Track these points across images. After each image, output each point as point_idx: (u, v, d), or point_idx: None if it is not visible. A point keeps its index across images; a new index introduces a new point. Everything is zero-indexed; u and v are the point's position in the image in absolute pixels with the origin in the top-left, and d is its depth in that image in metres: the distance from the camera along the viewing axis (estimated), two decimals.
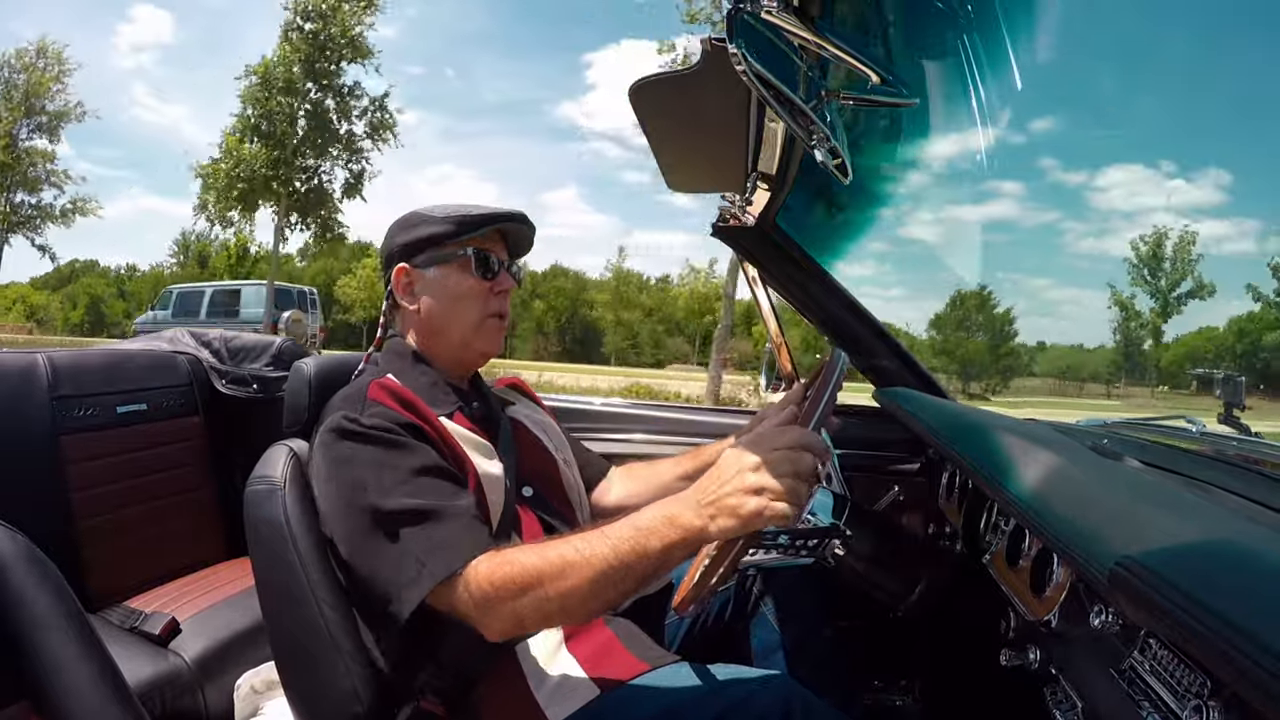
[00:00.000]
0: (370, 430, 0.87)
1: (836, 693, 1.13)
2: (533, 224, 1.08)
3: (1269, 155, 42.88)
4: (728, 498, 0.71)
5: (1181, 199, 48.35)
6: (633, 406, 1.94)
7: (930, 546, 1.15)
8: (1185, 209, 46.90)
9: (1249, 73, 39.30)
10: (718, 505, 0.71)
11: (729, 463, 0.73)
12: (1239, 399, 1.24)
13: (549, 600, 0.74)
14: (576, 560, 0.74)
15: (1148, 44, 44.69)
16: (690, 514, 0.72)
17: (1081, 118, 49.68)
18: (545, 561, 0.75)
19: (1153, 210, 47.10)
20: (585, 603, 0.75)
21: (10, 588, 0.87)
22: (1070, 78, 43.25)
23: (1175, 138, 47.99)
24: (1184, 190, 49.28)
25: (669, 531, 0.73)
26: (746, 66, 0.65)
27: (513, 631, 0.79)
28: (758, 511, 0.69)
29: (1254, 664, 0.34)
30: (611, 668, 0.89)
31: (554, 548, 0.76)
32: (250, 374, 1.84)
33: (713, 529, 0.71)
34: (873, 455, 1.74)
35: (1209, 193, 48.73)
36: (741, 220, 1.65)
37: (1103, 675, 0.61)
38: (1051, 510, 0.64)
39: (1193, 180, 49.16)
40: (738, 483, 0.71)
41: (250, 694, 1.35)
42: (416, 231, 1.03)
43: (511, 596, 0.75)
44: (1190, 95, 48.05)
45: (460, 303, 1.03)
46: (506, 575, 0.76)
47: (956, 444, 0.99)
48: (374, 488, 0.83)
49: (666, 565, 0.74)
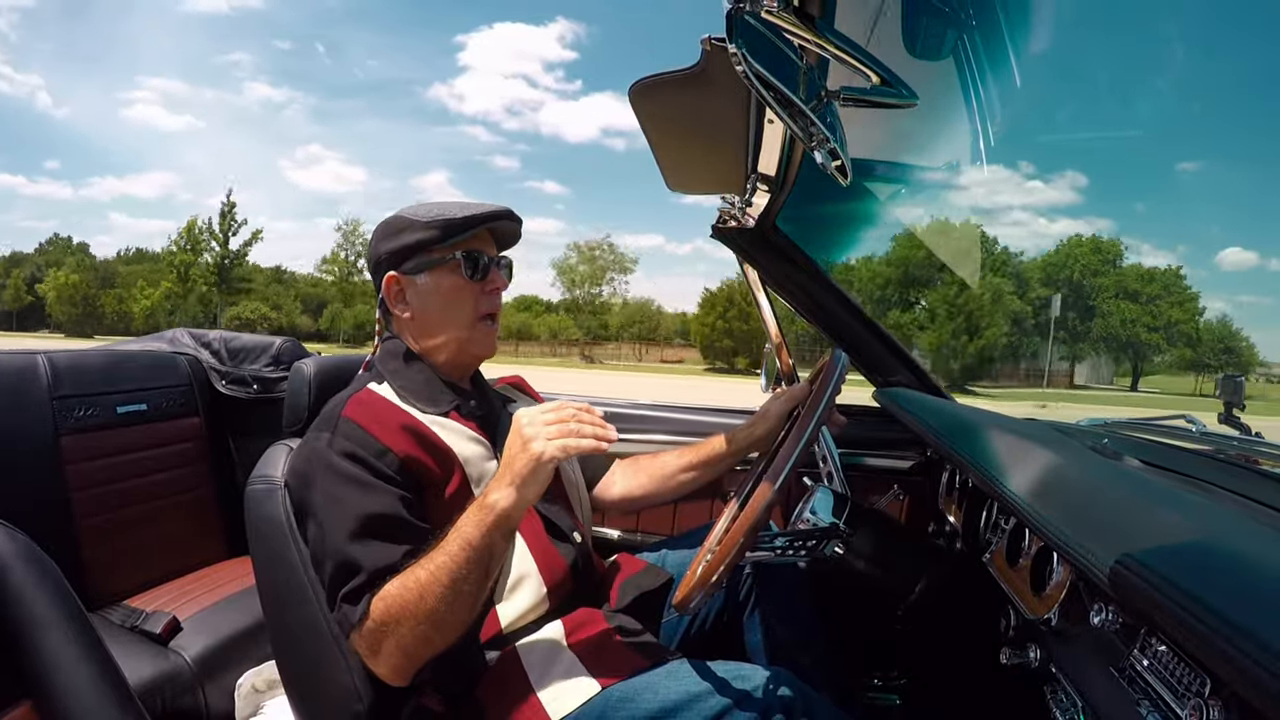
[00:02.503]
0: (332, 463, 0.88)
1: (836, 691, 1.13)
2: (519, 218, 1.07)
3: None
4: (515, 460, 0.80)
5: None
6: (633, 407, 1.94)
7: (930, 546, 1.15)
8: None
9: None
10: (512, 471, 0.80)
11: (512, 435, 0.83)
12: (1239, 399, 1.24)
13: (419, 618, 0.79)
14: (426, 577, 0.80)
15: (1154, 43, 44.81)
16: (494, 493, 0.80)
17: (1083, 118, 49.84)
18: (405, 589, 0.80)
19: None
20: (446, 610, 0.80)
21: (10, 587, 0.87)
22: (1071, 77, 43.36)
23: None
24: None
25: (483, 516, 0.80)
26: (746, 67, 0.65)
27: (401, 665, 0.83)
28: (538, 453, 0.79)
29: (1253, 662, 0.34)
30: (612, 664, 0.89)
31: (410, 574, 0.81)
32: (250, 374, 1.84)
33: (514, 495, 0.79)
34: (873, 455, 1.74)
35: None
36: (741, 221, 1.65)
37: (1103, 674, 0.61)
38: (1051, 509, 0.65)
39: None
40: (515, 445, 0.81)
41: (252, 693, 1.35)
42: (402, 238, 1.01)
43: (388, 628, 0.81)
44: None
45: (452, 307, 1.02)
46: (380, 611, 0.81)
47: (956, 444, 0.99)
48: (324, 523, 0.87)
49: (496, 545, 0.81)
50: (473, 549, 0.79)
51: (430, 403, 0.99)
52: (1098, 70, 45.58)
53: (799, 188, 1.35)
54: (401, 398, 0.98)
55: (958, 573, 1.09)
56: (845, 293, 1.71)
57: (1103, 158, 52.72)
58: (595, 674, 0.88)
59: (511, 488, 0.79)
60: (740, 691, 0.82)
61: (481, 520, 0.80)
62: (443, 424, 0.98)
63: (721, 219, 1.70)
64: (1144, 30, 44.39)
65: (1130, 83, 46.76)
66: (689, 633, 1.19)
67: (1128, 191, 54.03)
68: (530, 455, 0.79)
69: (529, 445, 0.80)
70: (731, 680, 0.85)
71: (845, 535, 1.08)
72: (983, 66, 0.98)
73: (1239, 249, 54.40)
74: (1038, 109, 31.86)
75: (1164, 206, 54.02)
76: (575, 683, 0.87)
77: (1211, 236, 54.01)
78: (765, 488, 0.79)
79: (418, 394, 0.99)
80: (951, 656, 1.33)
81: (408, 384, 1.00)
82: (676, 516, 1.83)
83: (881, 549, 1.09)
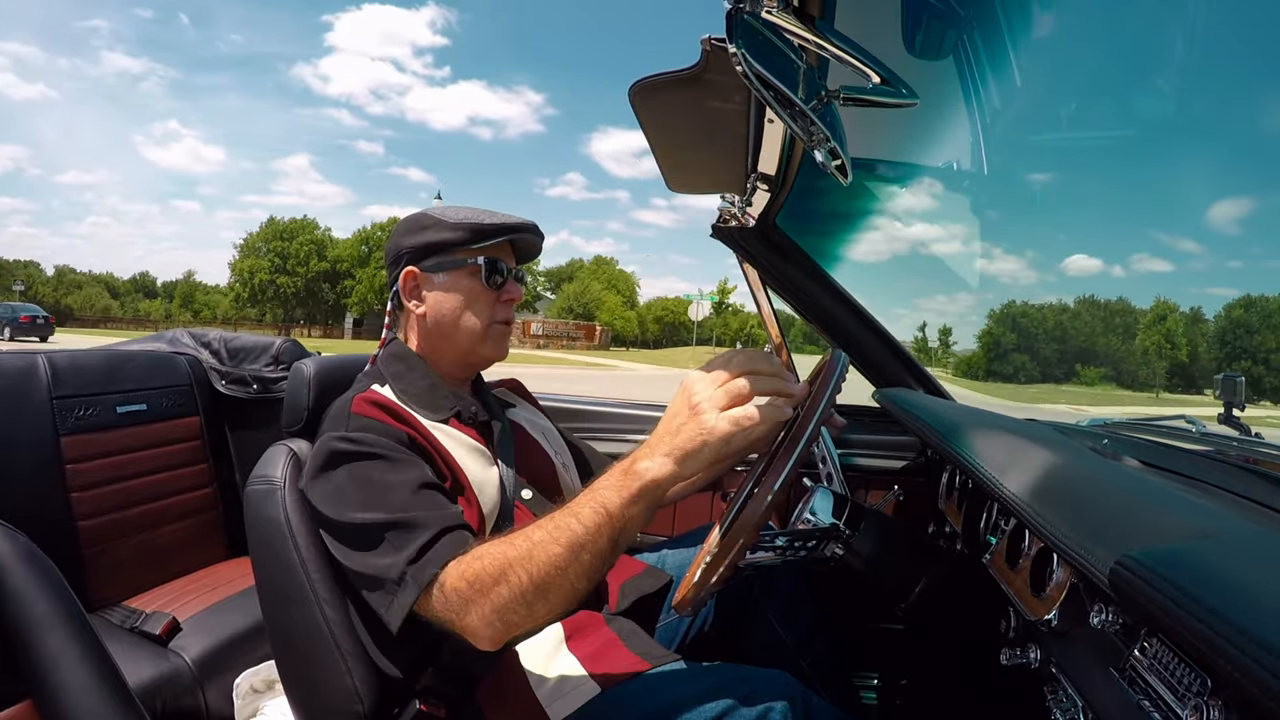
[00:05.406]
0: (357, 446, 0.88)
1: (836, 692, 1.13)
2: (542, 233, 1.09)
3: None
4: (678, 429, 0.68)
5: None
6: (633, 408, 1.94)
7: (930, 546, 1.14)
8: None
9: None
10: (669, 440, 0.69)
11: (679, 399, 0.70)
12: (1239, 399, 1.24)
13: (523, 584, 0.71)
14: (542, 538, 0.72)
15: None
16: (644, 459, 0.70)
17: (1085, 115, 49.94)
18: (512, 547, 0.73)
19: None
20: (561, 579, 0.71)
21: (10, 587, 0.87)
22: (1073, 75, 43.45)
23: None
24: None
25: (629, 482, 0.70)
26: (746, 67, 0.65)
27: (501, 630, 0.74)
28: (728, 433, 0.67)
29: (1254, 662, 0.34)
30: (612, 666, 0.89)
31: (520, 533, 0.74)
32: (250, 374, 1.84)
33: (670, 465, 0.68)
34: (873, 455, 1.74)
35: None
36: (742, 221, 1.65)
37: (1103, 674, 0.61)
38: (1051, 509, 0.64)
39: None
40: (680, 412, 0.69)
41: (250, 693, 1.35)
42: (426, 235, 1.02)
43: (487, 589, 0.73)
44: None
45: (468, 310, 1.03)
46: (478, 570, 0.74)
47: (956, 444, 0.99)
48: (359, 502, 0.84)
49: (634, 518, 0.71)
50: (607, 515, 0.70)
51: (431, 408, 0.99)
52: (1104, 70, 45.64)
53: (799, 188, 1.35)
54: (403, 401, 0.98)
55: (957, 573, 1.09)
56: (845, 292, 1.71)
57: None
58: (595, 676, 0.88)
59: (668, 459, 0.69)
60: (740, 693, 0.82)
61: (625, 487, 0.70)
62: (443, 430, 0.98)
63: (721, 219, 1.70)
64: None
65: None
66: (689, 634, 1.19)
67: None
68: (699, 427, 0.68)
69: (699, 415, 0.68)
70: (731, 682, 0.84)
71: (845, 536, 1.08)
72: (983, 66, 0.98)
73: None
74: (1036, 109, 31.79)
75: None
76: (575, 685, 0.87)
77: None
78: (765, 489, 0.79)
79: (419, 399, 0.99)
80: (951, 657, 1.33)
81: (409, 388, 1.00)
82: (676, 517, 1.83)
83: (881, 550, 1.09)
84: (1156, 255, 63.10)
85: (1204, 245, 60.33)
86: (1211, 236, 59.77)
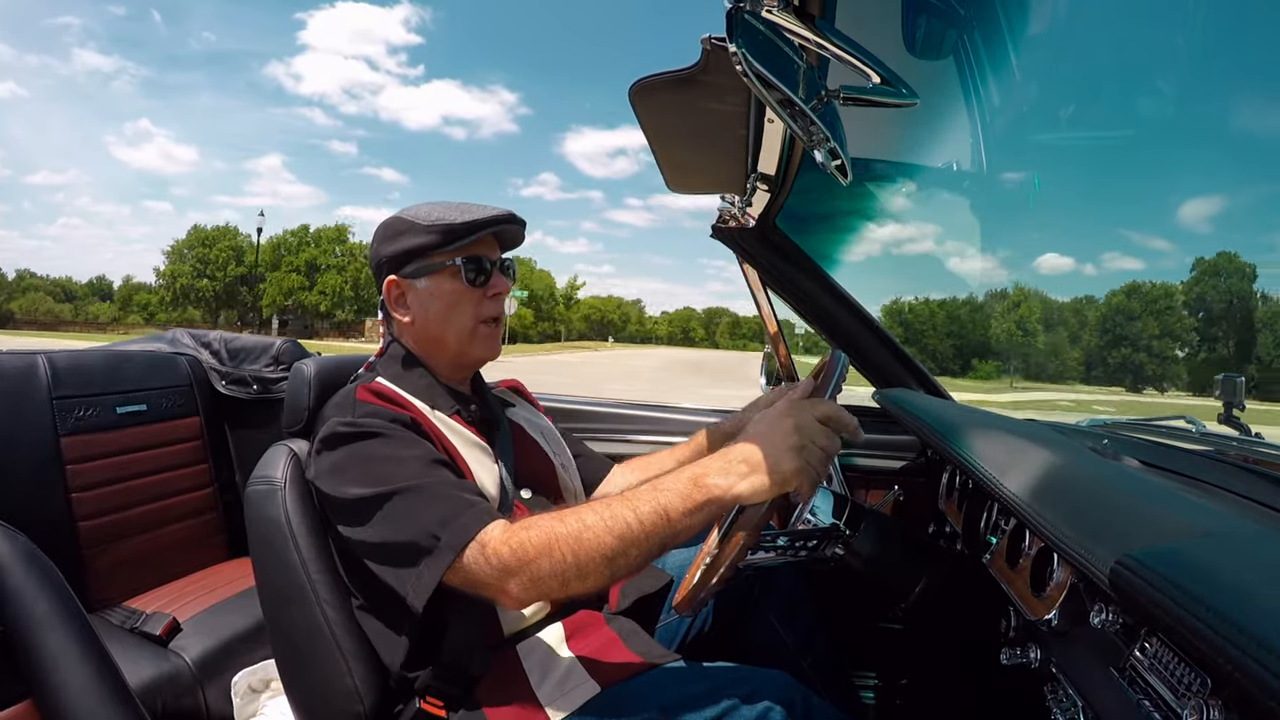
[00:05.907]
0: (365, 428, 0.88)
1: (836, 692, 1.13)
2: (522, 220, 1.06)
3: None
4: (768, 456, 0.69)
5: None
6: (632, 408, 1.94)
7: (930, 546, 1.14)
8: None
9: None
10: (752, 463, 0.70)
11: (766, 422, 0.72)
12: (1239, 399, 1.24)
13: (565, 563, 0.72)
14: (595, 523, 0.73)
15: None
16: (718, 474, 0.71)
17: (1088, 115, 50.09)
18: (563, 524, 0.74)
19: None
20: (603, 566, 0.72)
21: (11, 588, 0.87)
22: (1074, 74, 43.49)
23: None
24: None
25: (694, 493, 0.71)
26: (746, 67, 0.65)
27: (533, 598, 0.76)
28: (797, 471, 0.69)
29: (1254, 661, 0.34)
30: (612, 666, 0.89)
31: (573, 512, 0.75)
32: (250, 374, 1.84)
33: (743, 488, 0.70)
34: (872, 455, 1.74)
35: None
36: (741, 221, 1.65)
37: (1103, 674, 0.61)
38: (1051, 509, 0.64)
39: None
40: (780, 442, 0.70)
41: (248, 692, 1.35)
42: (402, 242, 1.00)
43: (529, 560, 0.74)
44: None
45: (453, 312, 1.01)
46: (524, 540, 0.75)
47: (956, 444, 0.99)
48: (376, 477, 0.84)
49: (690, 529, 0.72)
50: (666, 520, 0.71)
51: (432, 406, 0.99)
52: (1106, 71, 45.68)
53: (799, 188, 1.35)
54: (404, 392, 0.98)
55: (957, 573, 1.09)
56: (845, 293, 1.71)
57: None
58: (595, 676, 0.88)
59: (743, 480, 0.70)
60: (740, 693, 0.82)
61: (688, 496, 0.71)
62: (445, 422, 0.98)
63: (721, 219, 1.70)
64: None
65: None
66: (689, 634, 1.19)
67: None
68: (790, 467, 0.70)
69: (796, 452, 0.70)
70: (731, 682, 0.84)
71: (845, 536, 1.08)
72: (983, 66, 0.98)
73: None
74: (1037, 108, 31.77)
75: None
76: (575, 685, 0.87)
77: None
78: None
79: (420, 396, 0.99)
80: (951, 657, 1.33)
81: (408, 387, 1.00)
82: None
83: (881, 550, 1.09)
84: (1128, 254, 63.26)
85: (1174, 243, 60.66)
86: (1182, 234, 60.17)
